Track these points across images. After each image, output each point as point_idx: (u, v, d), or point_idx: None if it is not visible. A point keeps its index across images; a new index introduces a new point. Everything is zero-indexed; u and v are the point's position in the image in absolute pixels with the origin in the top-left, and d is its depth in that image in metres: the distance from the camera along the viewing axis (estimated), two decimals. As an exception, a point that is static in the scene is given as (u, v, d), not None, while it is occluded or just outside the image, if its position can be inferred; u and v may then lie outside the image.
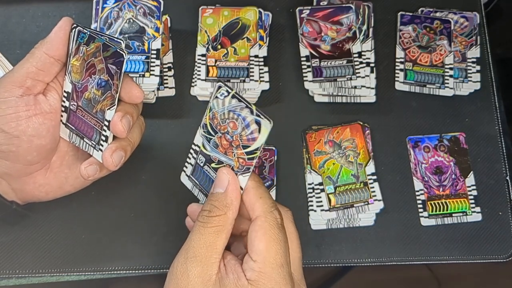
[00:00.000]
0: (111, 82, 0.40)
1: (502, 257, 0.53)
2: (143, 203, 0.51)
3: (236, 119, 0.36)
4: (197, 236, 0.36)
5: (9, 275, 0.48)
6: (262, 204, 0.36)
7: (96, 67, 0.40)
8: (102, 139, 0.41)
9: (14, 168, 0.42)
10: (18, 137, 0.40)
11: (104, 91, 0.40)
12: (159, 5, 0.51)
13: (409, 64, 0.56)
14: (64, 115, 0.42)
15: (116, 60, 0.39)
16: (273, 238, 0.35)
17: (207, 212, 0.36)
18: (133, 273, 0.49)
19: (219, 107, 0.37)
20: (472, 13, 0.59)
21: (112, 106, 0.40)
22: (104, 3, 0.51)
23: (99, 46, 0.39)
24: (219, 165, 0.38)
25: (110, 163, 0.41)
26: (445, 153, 0.55)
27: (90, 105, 0.41)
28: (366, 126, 0.54)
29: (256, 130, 0.35)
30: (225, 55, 0.52)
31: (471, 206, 0.53)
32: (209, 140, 0.38)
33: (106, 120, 0.40)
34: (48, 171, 0.44)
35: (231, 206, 0.36)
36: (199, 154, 0.40)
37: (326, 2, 0.57)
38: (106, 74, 0.40)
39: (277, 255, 0.35)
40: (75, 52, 0.40)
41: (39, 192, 0.44)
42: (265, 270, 0.34)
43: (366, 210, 0.51)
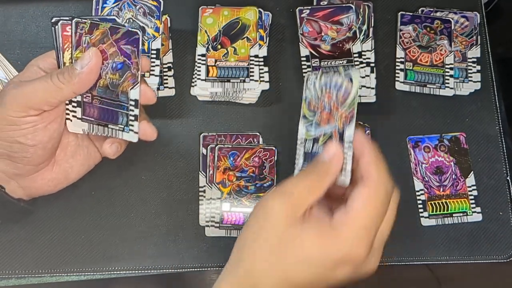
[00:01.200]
0: (129, 62, 0.40)
1: (503, 258, 0.52)
2: (143, 203, 0.51)
3: (329, 91, 0.39)
4: (295, 180, 0.37)
5: (9, 275, 0.48)
6: (380, 173, 0.37)
7: (106, 52, 0.40)
8: (131, 119, 0.42)
9: (26, 169, 0.43)
10: (34, 146, 0.41)
11: (122, 73, 0.40)
12: (159, 5, 0.51)
13: (410, 64, 0.56)
14: (78, 110, 0.42)
15: (130, 39, 0.39)
16: (373, 203, 0.36)
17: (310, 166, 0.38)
18: (133, 273, 0.49)
19: (312, 93, 0.40)
20: (472, 13, 0.58)
21: (135, 85, 0.40)
22: (104, 3, 0.50)
23: (105, 32, 0.39)
24: (325, 137, 0.40)
25: (153, 132, 0.44)
26: (446, 153, 0.55)
27: (109, 91, 0.41)
28: (366, 126, 0.54)
29: (349, 85, 0.38)
30: (225, 55, 0.52)
31: (472, 206, 0.53)
32: (311, 124, 0.40)
33: (131, 100, 0.41)
34: (55, 165, 0.45)
35: (331, 174, 0.38)
36: (305, 143, 0.41)
37: (326, 2, 0.57)
38: (121, 56, 0.40)
39: (368, 218, 0.36)
40: (77, 44, 0.40)
41: (48, 187, 0.45)
42: (354, 221, 0.36)
43: (366, 210, 0.51)
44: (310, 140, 0.41)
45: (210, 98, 0.54)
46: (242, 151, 0.51)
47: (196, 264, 0.50)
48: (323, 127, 0.40)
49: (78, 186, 0.50)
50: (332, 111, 0.40)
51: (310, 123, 0.41)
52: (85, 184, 0.50)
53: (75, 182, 0.50)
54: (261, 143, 0.53)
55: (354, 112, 0.39)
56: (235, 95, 0.53)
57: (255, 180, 0.51)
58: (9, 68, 0.53)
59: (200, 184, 0.52)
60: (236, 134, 0.53)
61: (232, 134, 0.53)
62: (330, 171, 0.38)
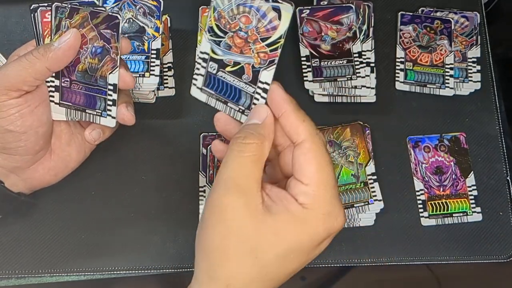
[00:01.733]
0: (108, 46, 0.40)
1: (503, 258, 0.52)
2: (143, 203, 0.51)
3: (248, 12, 0.34)
4: (234, 166, 0.34)
5: (9, 275, 0.48)
6: (307, 127, 0.35)
7: (86, 36, 0.40)
8: (109, 104, 0.42)
9: (24, 160, 0.42)
10: (25, 132, 0.41)
11: (101, 57, 0.40)
12: (159, 4, 0.51)
13: (410, 64, 0.56)
14: (56, 95, 0.42)
15: (110, 23, 0.39)
16: (323, 160, 0.34)
17: (241, 138, 0.35)
18: (133, 273, 0.49)
19: (225, 4, 0.34)
20: (472, 13, 0.58)
21: (114, 69, 0.40)
22: (104, 3, 0.50)
23: (85, 16, 0.39)
24: (234, 67, 0.36)
25: (130, 117, 0.43)
26: (446, 153, 0.55)
27: (87, 75, 0.41)
28: (366, 126, 0.54)
29: (276, 18, 0.33)
30: (225, 55, 0.52)
31: (472, 206, 0.53)
32: (218, 43, 0.36)
33: (110, 84, 0.41)
34: (52, 154, 0.45)
35: (267, 137, 0.35)
36: (209, 61, 0.37)
37: (326, 2, 0.57)
38: (100, 41, 0.40)
39: (329, 177, 0.34)
40: (57, 28, 0.40)
41: (49, 176, 0.45)
42: (319, 192, 0.34)
43: (366, 210, 0.51)
44: (215, 61, 0.36)
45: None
46: (242, 151, 0.51)
47: (196, 264, 0.50)
48: (234, 54, 0.35)
49: (78, 186, 0.50)
50: (248, 39, 0.34)
51: (217, 40, 0.35)
52: (85, 184, 0.50)
53: (75, 182, 0.50)
54: (261, 143, 0.53)
55: (276, 56, 0.34)
56: (235, 95, 0.53)
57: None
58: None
59: (200, 184, 0.52)
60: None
61: (232, 134, 0.53)
62: (267, 135, 0.35)
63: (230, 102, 0.38)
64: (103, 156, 0.51)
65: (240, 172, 0.34)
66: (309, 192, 0.34)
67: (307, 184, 0.34)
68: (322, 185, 0.34)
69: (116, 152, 0.52)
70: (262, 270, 0.33)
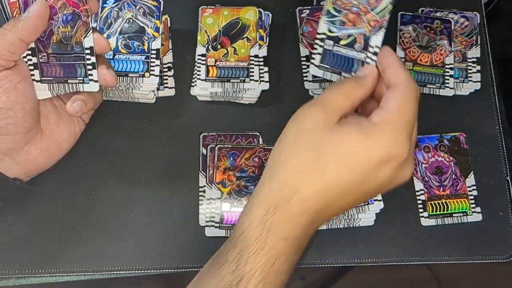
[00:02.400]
0: (78, 11, 0.40)
1: (503, 258, 0.52)
2: (143, 203, 0.51)
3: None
4: (326, 94, 0.38)
5: (9, 275, 0.48)
6: (406, 75, 0.38)
7: (55, 6, 0.40)
8: (89, 69, 0.42)
9: (15, 140, 0.42)
10: (11, 108, 0.41)
11: (73, 23, 0.41)
12: (159, 4, 0.51)
13: (410, 64, 0.56)
14: (36, 72, 0.42)
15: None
16: (409, 98, 0.37)
17: (341, 79, 0.40)
18: (133, 273, 0.49)
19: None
20: (472, 13, 0.58)
21: (87, 32, 0.41)
22: (103, 2, 0.50)
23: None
24: (348, 39, 0.40)
25: (112, 77, 0.43)
26: (446, 153, 0.55)
27: (63, 45, 0.41)
28: (366, 126, 0.54)
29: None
30: (225, 55, 0.52)
31: (472, 206, 0.53)
32: (334, 22, 0.40)
33: (86, 48, 0.41)
34: (43, 134, 0.45)
35: (364, 86, 0.39)
36: (325, 40, 0.41)
37: (326, 2, 0.57)
38: (70, 7, 0.40)
39: (409, 115, 0.37)
40: (25, 4, 0.40)
41: (43, 158, 0.45)
42: (393, 118, 0.36)
43: (366, 210, 0.51)
44: (331, 39, 0.41)
45: (210, 98, 0.54)
46: (242, 151, 0.51)
47: (196, 264, 0.50)
48: (348, 28, 0.40)
49: (78, 186, 0.50)
50: (360, 12, 0.39)
51: (333, 20, 0.41)
52: (85, 184, 0.50)
53: (75, 182, 0.50)
54: (261, 143, 0.53)
55: (385, 21, 0.38)
56: (235, 95, 0.53)
57: (255, 180, 0.51)
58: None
59: (200, 184, 0.52)
60: (236, 134, 0.53)
61: (232, 134, 0.53)
62: (365, 84, 0.38)
63: (344, 72, 0.42)
64: (103, 156, 0.51)
65: (328, 97, 0.38)
66: (384, 114, 0.37)
67: (386, 109, 0.37)
68: (399, 114, 0.37)
69: (116, 152, 0.52)
70: (322, 174, 0.36)
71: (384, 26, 0.38)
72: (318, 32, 0.42)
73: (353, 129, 0.36)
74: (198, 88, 0.52)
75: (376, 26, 0.38)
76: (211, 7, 0.54)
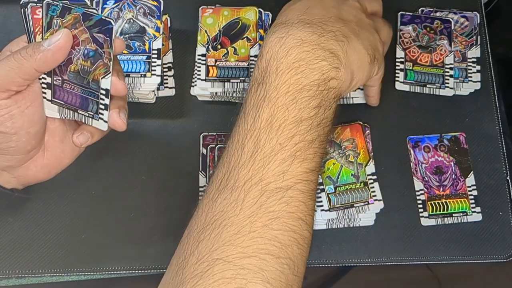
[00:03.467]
0: (101, 51, 0.39)
1: (502, 257, 0.52)
2: (143, 203, 0.51)
3: None
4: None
5: (9, 275, 0.48)
6: None
7: (78, 38, 0.39)
8: (101, 108, 0.41)
9: (15, 159, 0.42)
10: (16, 133, 0.40)
11: (94, 60, 0.40)
12: (159, 4, 0.51)
13: (409, 64, 0.56)
14: (48, 92, 0.41)
15: (103, 28, 0.38)
16: None
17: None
18: (133, 273, 0.49)
19: None
20: (472, 13, 0.59)
21: (106, 74, 0.40)
22: (104, 3, 0.50)
23: (77, 17, 0.38)
24: None
25: (121, 124, 0.42)
26: (445, 153, 0.55)
27: (79, 76, 0.40)
28: (366, 126, 0.54)
29: None
30: (225, 55, 0.52)
31: (471, 206, 0.53)
32: None
33: (102, 88, 0.40)
34: (45, 151, 0.44)
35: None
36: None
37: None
38: (93, 44, 0.39)
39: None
40: (48, 26, 0.39)
41: (42, 174, 0.44)
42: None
43: (366, 210, 0.51)
44: None
45: (210, 98, 0.54)
46: (242, 151, 0.51)
47: (196, 264, 0.50)
48: None
49: (78, 186, 0.50)
50: None
51: None
52: (85, 184, 0.50)
53: (75, 182, 0.50)
54: (261, 143, 0.53)
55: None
56: (235, 95, 0.53)
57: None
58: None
59: (200, 184, 0.52)
60: (236, 134, 0.53)
61: (232, 134, 0.53)
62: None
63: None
64: (103, 156, 0.51)
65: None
66: None
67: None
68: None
69: (116, 152, 0.52)
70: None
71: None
72: None
73: None
74: (198, 88, 0.52)
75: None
76: (211, 7, 0.54)
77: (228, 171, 0.39)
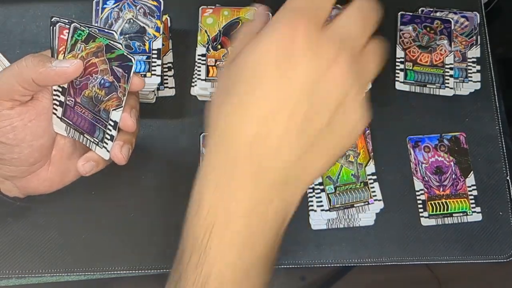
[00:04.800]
0: (117, 84, 0.39)
1: (502, 257, 0.52)
2: (143, 203, 0.51)
3: None
4: None
5: (9, 275, 0.48)
6: None
7: (98, 66, 0.39)
8: (106, 138, 0.41)
9: (19, 170, 0.42)
10: (18, 145, 0.40)
11: (108, 91, 0.40)
12: (159, 4, 0.51)
13: (409, 64, 0.56)
14: (59, 109, 0.42)
15: (123, 63, 0.39)
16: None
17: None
18: (133, 273, 0.49)
19: None
20: (472, 13, 0.58)
21: (118, 107, 0.40)
22: (104, 3, 0.50)
23: (101, 46, 0.39)
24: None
25: (121, 159, 0.41)
26: (446, 153, 0.55)
27: (92, 103, 0.41)
28: (366, 126, 0.54)
29: None
30: (225, 55, 0.52)
31: (472, 206, 0.53)
32: None
33: (111, 120, 0.40)
34: (50, 165, 0.44)
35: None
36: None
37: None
38: (110, 76, 0.39)
39: None
40: (72, 48, 0.40)
41: (43, 187, 0.44)
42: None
43: (366, 210, 0.51)
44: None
45: (210, 98, 0.54)
46: (242, 151, 0.51)
47: (196, 264, 0.50)
48: None
49: (78, 186, 0.50)
50: None
51: None
52: (85, 184, 0.50)
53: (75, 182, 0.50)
54: (261, 143, 0.53)
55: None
56: (235, 95, 0.53)
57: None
58: (9, 68, 0.53)
59: (200, 184, 0.51)
60: (236, 134, 0.53)
61: (232, 134, 0.53)
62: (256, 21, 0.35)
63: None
64: (103, 156, 0.51)
65: None
66: None
67: None
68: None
69: (116, 152, 0.52)
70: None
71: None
72: None
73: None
74: (198, 88, 0.52)
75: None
76: (211, 7, 0.54)
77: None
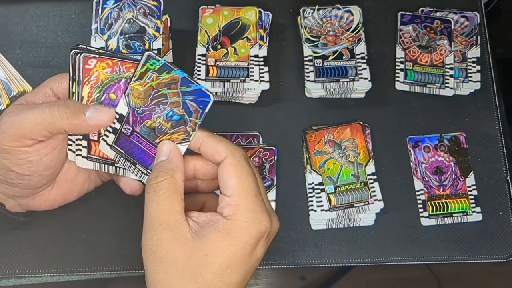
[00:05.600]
0: (187, 118, 0.38)
1: (502, 257, 0.52)
2: (143, 203, 0.51)
3: (330, 20, 0.54)
4: (154, 207, 0.36)
5: (9, 275, 0.48)
6: (225, 145, 0.37)
7: (168, 98, 0.38)
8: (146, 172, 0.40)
9: (24, 192, 0.42)
10: (30, 175, 0.40)
11: (176, 124, 0.38)
12: (159, 4, 0.51)
13: (409, 64, 0.56)
14: (111, 137, 0.40)
15: (199, 98, 0.38)
16: (244, 171, 0.36)
17: (153, 179, 0.37)
18: (133, 273, 0.49)
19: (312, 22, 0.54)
20: (472, 13, 0.59)
21: (184, 142, 0.39)
22: (104, 3, 0.50)
23: (175, 79, 0.38)
24: (334, 55, 0.52)
25: (137, 191, 0.43)
26: (446, 153, 0.55)
27: (153, 134, 0.39)
28: (366, 126, 0.54)
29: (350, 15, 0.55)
30: (225, 55, 0.52)
31: (472, 206, 0.53)
32: (316, 45, 0.53)
33: None
34: (54, 187, 0.44)
35: (176, 169, 0.37)
36: (314, 59, 0.52)
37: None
38: (181, 109, 0.38)
39: (250, 186, 0.36)
40: (141, 76, 0.38)
41: (45, 206, 0.45)
42: (240, 201, 0.35)
43: (366, 210, 0.51)
44: (318, 58, 0.52)
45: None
46: (242, 151, 0.51)
47: (196, 264, 0.50)
48: (331, 46, 0.52)
49: (78, 186, 0.50)
50: (337, 34, 0.53)
51: (315, 44, 0.53)
52: (85, 184, 0.50)
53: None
54: (261, 143, 0.53)
55: (360, 35, 0.53)
56: (235, 95, 0.53)
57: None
58: (9, 68, 0.53)
59: (200, 184, 0.51)
60: (236, 134, 0.53)
61: (232, 134, 0.53)
62: (175, 168, 0.37)
63: (341, 78, 0.53)
64: (103, 156, 0.51)
65: (160, 211, 0.36)
66: (231, 203, 0.36)
67: (230, 195, 0.36)
68: (243, 194, 0.36)
69: (116, 152, 0.52)
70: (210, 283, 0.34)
71: (362, 39, 0.52)
72: (304, 56, 0.53)
73: (213, 238, 0.35)
74: (198, 88, 0.52)
75: (355, 40, 0.51)
76: (211, 7, 0.54)
77: None
